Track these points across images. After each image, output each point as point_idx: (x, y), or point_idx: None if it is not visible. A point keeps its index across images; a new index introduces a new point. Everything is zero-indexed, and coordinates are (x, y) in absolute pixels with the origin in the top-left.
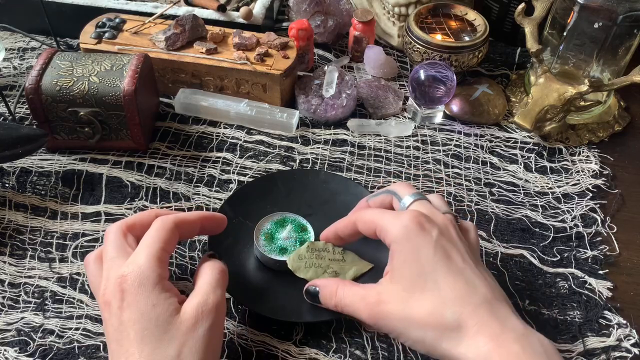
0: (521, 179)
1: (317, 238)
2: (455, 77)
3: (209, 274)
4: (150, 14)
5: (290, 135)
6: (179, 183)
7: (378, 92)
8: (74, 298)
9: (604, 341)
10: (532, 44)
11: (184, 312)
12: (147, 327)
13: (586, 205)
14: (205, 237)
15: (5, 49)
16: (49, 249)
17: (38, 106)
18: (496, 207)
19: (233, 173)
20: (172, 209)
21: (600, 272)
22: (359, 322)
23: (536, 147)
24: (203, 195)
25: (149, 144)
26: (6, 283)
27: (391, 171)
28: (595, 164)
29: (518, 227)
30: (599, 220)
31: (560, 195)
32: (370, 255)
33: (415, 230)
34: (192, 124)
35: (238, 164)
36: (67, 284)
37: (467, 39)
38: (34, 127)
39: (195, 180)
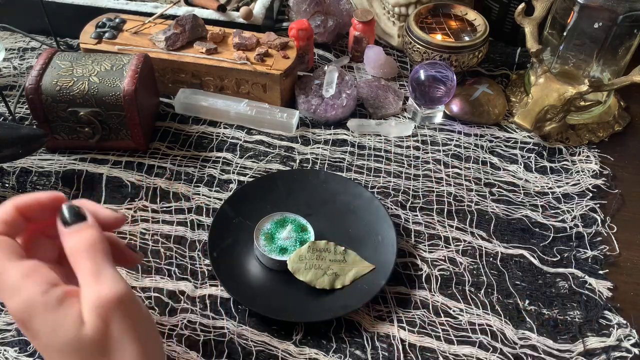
0: (521, 179)
1: (317, 238)
2: (455, 77)
3: (81, 260)
4: (150, 14)
5: (290, 135)
6: (179, 183)
7: (378, 92)
8: None
9: (604, 341)
10: (532, 44)
11: (87, 319)
12: (63, 350)
13: (586, 205)
14: (205, 237)
15: (5, 49)
16: None
17: (38, 106)
18: (496, 207)
19: (233, 173)
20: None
21: (600, 272)
22: (359, 322)
23: (536, 147)
24: (203, 195)
25: (149, 144)
26: None
27: (391, 171)
28: (595, 164)
29: (518, 227)
30: (599, 220)
31: (560, 195)
32: (371, 256)
33: None
34: (192, 124)
35: (238, 164)
36: None
37: (467, 39)
38: (34, 127)
39: (195, 180)
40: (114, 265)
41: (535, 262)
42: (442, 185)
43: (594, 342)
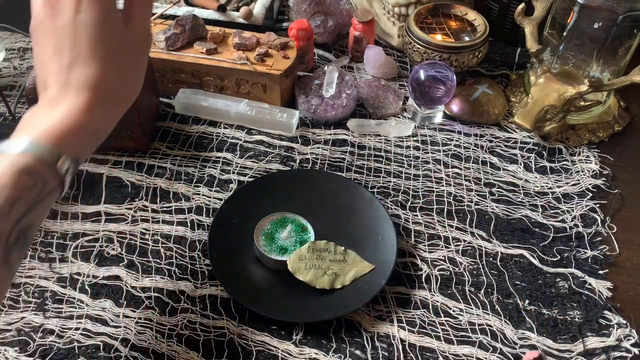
0: (521, 179)
1: (317, 238)
2: (455, 77)
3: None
4: None
5: (290, 135)
6: (179, 183)
7: (378, 92)
8: (74, 298)
9: (604, 341)
10: (532, 44)
11: (132, 28)
12: (102, 35)
13: (586, 205)
14: (205, 237)
15: (6, 49)
16: (49, 249)
17: None
18: (496, 207)
19: (233, 173)
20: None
21: (600, 272)
22: (359, 322)
23: (536, 147)
24: (203, 195)
25: (149, 144)
26: None
27: (391, 171)
28: (595, 164)
29: (518, 227)
30: (599, 220)
31: (560, 195)
32: (371, 256)
33: None
34: (192, 124)
35: (238, 164)
36: (67, 284)
37: (467, 39)
38: None
39: (195, 180)
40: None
41: (535, 262)
42: (442, 185)
43: (593, 342)
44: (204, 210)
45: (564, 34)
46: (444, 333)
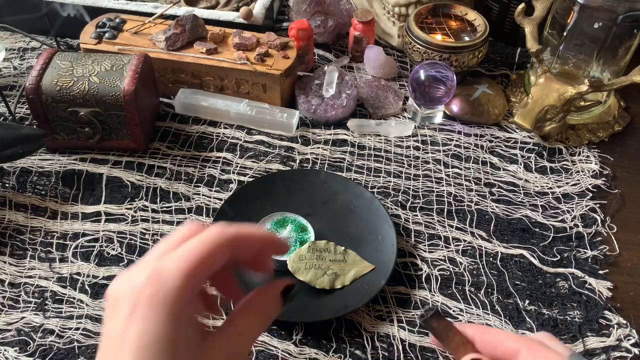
0: (521, 179)
1: (317, 238)
2: (455, 77)
3: (254, 321)
4: (150, 14)
5: (290, 135)
6: (179, 183)
7: (378, 92)
8: (74, 298)
9: (604, 341)
10: (532, 44)
11: (211, 357)
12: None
13: (586, 205)
14: None
15: (6, 49)
16: (49, 249)
17: (38, 106)
18: (496, 207)
19: (233, 173)
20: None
21: (600, 272)
22: (359, 322)
23: (536, 147)
24: (203, 195)
25: (149, 144)
26: (6, 283)
27: (391, 171)
28: (595, 164)
29: (518, 227)
30: (599, 220)
31: (560, 195)
32: (371, 256)
33: None
34: (192, 124)
35: (238, 164)
36: (67, 284)
37: (467, 39)
38: (34, 127)
39: (195, 180)
40: None
41: (535, 262)
42: (442, 185)
43: (594, 342)
44: (204, 210)
45: (564, 34)
46: None
